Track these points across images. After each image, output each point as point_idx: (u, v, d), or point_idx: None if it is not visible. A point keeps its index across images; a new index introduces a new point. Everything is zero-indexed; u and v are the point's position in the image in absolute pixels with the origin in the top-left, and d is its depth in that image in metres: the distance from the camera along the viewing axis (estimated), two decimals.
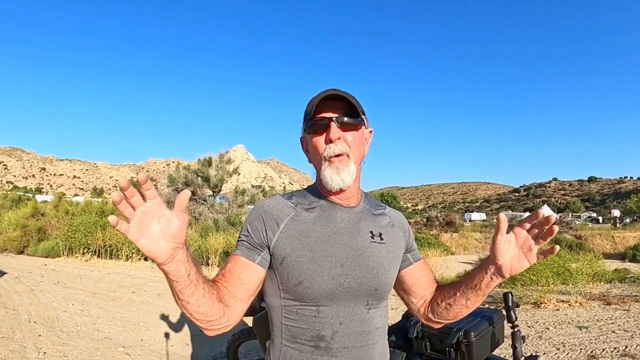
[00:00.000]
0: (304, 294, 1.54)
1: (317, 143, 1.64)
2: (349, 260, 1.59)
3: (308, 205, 1.69)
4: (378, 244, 1.69)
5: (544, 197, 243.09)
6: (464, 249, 40.80)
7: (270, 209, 1.66)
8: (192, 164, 22.76)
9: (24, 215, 20.32)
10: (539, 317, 8.32)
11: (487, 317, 2.63)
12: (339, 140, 1.61)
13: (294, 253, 1.56)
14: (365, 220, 1.73)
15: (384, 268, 1.67)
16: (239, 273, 1.57)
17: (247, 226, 1.65)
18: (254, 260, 1.59)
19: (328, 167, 1.61)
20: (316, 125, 1.63)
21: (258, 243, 1.60)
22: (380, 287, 1.65)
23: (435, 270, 14.33)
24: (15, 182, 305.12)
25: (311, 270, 1.53)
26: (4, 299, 9.29)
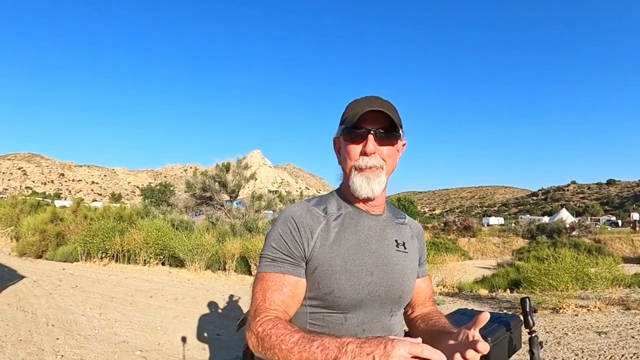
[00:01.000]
0: (334, 302, 1.55)
1: (352, 151, 1.63)
2: (378, 268, 1.61)
3: (336, 213, 1.68)
4: (402, 252, 1.73)
5: (562, 200, 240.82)
6: (482, 254, 40.69)
7: (303, 217, 1.63)
8: (210, 169, 22.81)
9: (42, 220, 20.45)
10: (558, 323, 8.22)
11: (504, 323, 2.60)
12: (374, 154, 1.61)
13: (326, 262, 1.56)
14: (390, 229, 1.75)
15: (407, 277, 1.72)
16: (296, 294, 1.56)
17: (281, 236, 1.61)
18: (301, 275, 1.58)
19: (359, 175, 1.61)
20: (354, 134, 1.62)
21: (298, 255, 1.58)
22: (404, 295, 1.70)
23: (452, 275, 14.27)
24: (34, 187, 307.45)
25: (343, 279, 1.54)
26: (22, 303, 9.35)
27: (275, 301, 1.49)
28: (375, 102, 1.62)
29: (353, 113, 1.61)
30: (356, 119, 1.56)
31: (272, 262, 1.57)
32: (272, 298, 1.50)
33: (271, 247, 1.60)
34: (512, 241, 45.52)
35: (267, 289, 1.52)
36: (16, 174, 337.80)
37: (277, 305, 1.49)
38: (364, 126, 1.60)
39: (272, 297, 1.50)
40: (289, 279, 1.54)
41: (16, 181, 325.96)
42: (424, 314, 1.88)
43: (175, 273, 14.61)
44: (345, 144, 1.65)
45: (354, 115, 1.58)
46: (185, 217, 20.33)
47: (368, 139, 1.59)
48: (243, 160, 23.02)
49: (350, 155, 1.63)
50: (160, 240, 15.80)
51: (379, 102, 1.63)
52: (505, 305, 10.40)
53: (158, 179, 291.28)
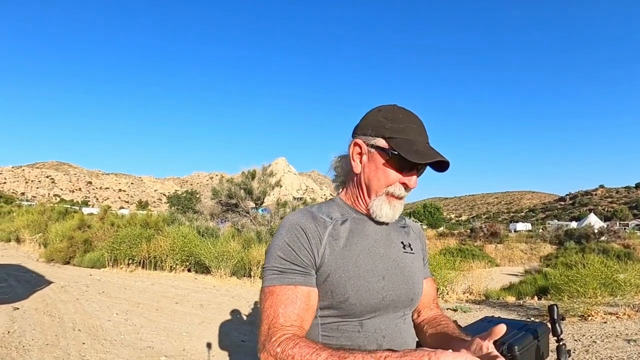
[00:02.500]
0: (349, 309, 1.48)
1: (391, 176, 1.57)
2: (389, 272, 1.57)
3: (341, 218, 1.61)
4: (410, 254, 1.70)
5: (590, 205, 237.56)
6: (509, 261, 40.32)
7: (309, 223, 1.54)
8: (236, 176, 22.96)
9: (70, 227, 20.71)
10: (586, 330, 8.09)
11: (531, 331, 2.55)
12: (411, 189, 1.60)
13: (339, 269, 1.49)
14: (394, 232, 1.72)
15: (417, 278, 1.69)
16: (309, 305, 1.46)
17: (288, 245, 1.49)
18: (313, 284, 1.49)
19: (386, 202, 1.59)
20: (405, 164, 1.54)
21: (308, 264, 1.48)
22: (415, 297, 1.67)
23: (479, 283, 14.15)
24: (62, 195, 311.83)
25: (357, 285, 1.48)
26: (49, 308, 9.46)
27: (290, 316, 1.39)
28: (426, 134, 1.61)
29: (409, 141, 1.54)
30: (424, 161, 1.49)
31: (281, 273, 1.46)
32: (287, 313, 1.39)
33: (278, 257, 1.48)
34: (539, 247, 45.07)
35: (279, 304, 1.41)
36: (44, 182, 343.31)
37: (293, 320, 1.38)
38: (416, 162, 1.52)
39: (287, 313, 1.39)
40: (301, 290, 1.44)
41: (44, 189, 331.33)
42: (430, 317, 1.84)
43: (201, 279, 14.69)
44: (386, 166, 1.57)
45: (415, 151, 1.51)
46: (211, 224, 20.48)
47: (414, 175, 1.58)
48: (268, 167, 23.16)
49: (387, 179, 1.57)
50: (187, 247, 15.92)
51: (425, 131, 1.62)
52: (533, 312, 10.29)
53: (184, 187, 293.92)
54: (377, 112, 1.63)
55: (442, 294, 12.98)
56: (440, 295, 12.97)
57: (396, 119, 1.58)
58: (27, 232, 24.48)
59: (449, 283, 13.32)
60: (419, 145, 1.53)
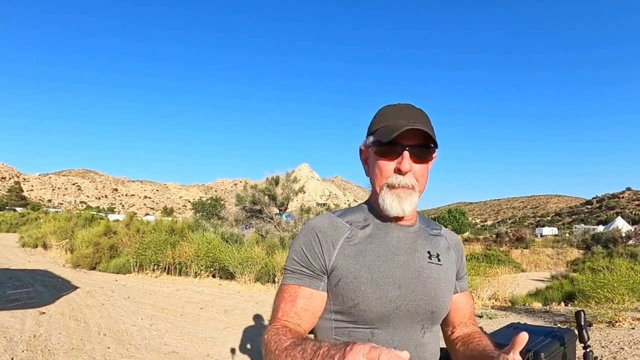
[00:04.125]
0: (359, 316, 1.46)
1: (384, 167, 1.53)
2: (407, 281, 1.51)
3: (363, 223, 1.59)
4: (436, 265, 1.61)
5: (618, 208, 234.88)
6: (536, 266, 39.87)
7: (325, 228, 1.55)
8: (260, 183, 23.02)
9: (96, 233, 20.91)
10: (613, 337, 7.96)
11: (558, 337, 2.51)
12: (409, 173, 1.51)
13: (351, 274, 1.47)
14: (422, 240, 1.64)
15: (441, 291, 1.59)
16: (311, 307, 1.49)
17: (301, 248, 1.55)
18: (319, 287, 1.51)
19: (389, 194, 1.52)
20: (389, 150, 1.51)
21: (317, 267, 1.51)
22: (437, 310, 1.57)
23: (505, 288, 14.00)
24: (88, 202, 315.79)
25: (369, 292, 1.45)
26: (75, 312, 9.56)
27: (287, 312, 1.46)
28: (412, 116, 1.53)
29: (387, 125, 1.52)
30: (394, 135, 1.44)
31: (292, 274, 1.54)
32: (285, 309, 1.47)
33: (292, 259, 1.56)
34: (566, 252, 44.50)
35: (282, 300, 1.50)
36: (71, 189, 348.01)
37: (289, 316, 1.45)
38: (400, 141, 1.49)
39: (285, 309, 1.47)
40: (304, 291, 1.49)
41: (71, 196, 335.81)
42: (464, 335, 1.77)
43: (226, 285, 14.74)
44: (377, 158, 1.55)
45: (390, 130, 1.48)
46: (235, 230, 20.52)
47: (404, 157, 1.49)
48: (292, 173, 23.18)
49: (382, 172, 1.54)
50: (211, 253, 15.99)
51: (416, 115, 1.55)
52: (560, 318, 10.16)
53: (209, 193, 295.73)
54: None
55: None
56: None
57: (382, 113, 1.59)
58: (53, 239, 24.79)
59: (474, 289, 13.21)
60: (395, 125, 1.49)
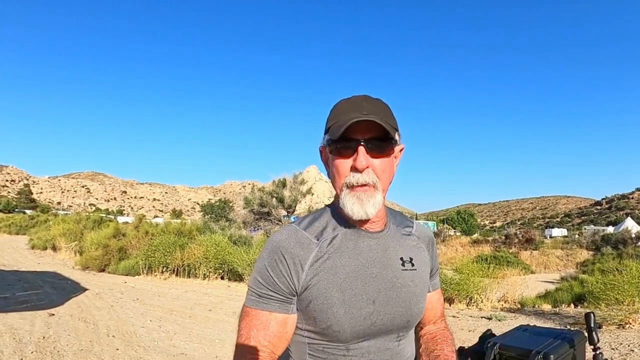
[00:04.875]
0: (334, 336, 1.39)
1: (341, 167, 1.42)
2: (381, 295, 1.43)
3: (331, 234, 1.47)
4: (410, 271, 1.53)
5: (627, 209, 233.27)
6: (545, 267, 39.79)
7: (291, 247, 1.42)
8: (267, 185, 23.05)
9: (105, 235, 21.00)
10: (623, 339, 7.92)
11: (567, 339, 2.48)
12: (367, 169, 1.39)
13: (321, 295, 1.38)
14: (394, 245, 1.55)
15: (416, 297, 1.53)
16: (284, 333, 1.42)
17: (267, 270, 1.42)
18: (289, 311, 1.42)
19: (350, 196, 1.41)
20: (342, 146, 1.41)
21: (287, 291, 1.41)
22: (413, 318, 1.53)
23: (514, 290, 13.95)
24: (97, 204, 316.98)
25: (341, 312, 1.37)
26: (84, 314, 9.59)
27: (261, 341, 1.38)
28: (363, 107, 1.41)
29: (338, 121, 1.41)
30: (342, 130, 1.34)
31: (259, 297, 1.42)
32: (258, 338, 1.38)
33: (257, 281, 1.44)
34: (575, 253, 44.39)
35: (252, 327, 1.40)
36: (80, 192, 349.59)
37: (263, 346, 1.37)
38: (353, 136, 1.38)
39: (258, 337, 1.38)
40: (276, 317, 1.40)
41: (80, 198, 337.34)
42: (429, 337, 1.74)
43: (234, 287, 14.75)
44: (333, 158, 1.45)
45: (340, 125, 1.38)
46: (243, 232, 20.58)
47: (359, 152, 1.37)
48: (299, 175, 23.21)
49: (339, 172, 1.43)
50: (220, 255, 16.01)
51: (368, 105, 1.42)
52: (569, 320, 10.13)
53: (217, 196, 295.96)
54: None
55: (476, 302, 12.85)
56: (474, 303, 12.84)
57: (334, 109, 1.49)
58: (63, 241, 24.89)
59: (483, 291, 13.16)
60: (345, 119, 1.37)
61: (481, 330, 2.84)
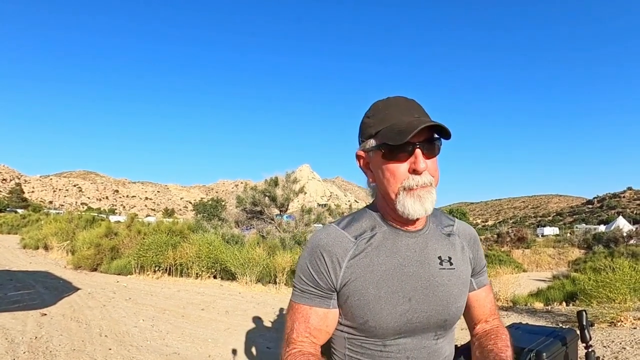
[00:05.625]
0: (370, 332, 1.46)
1: (397, 171, 1.43)
2: (417, 293, 1.47)
3: (370, 234, 1.52)
4: (448, 270, 1.56)
5: (619, 208, 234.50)
6: (537, 266, 39.87)
7: (330, 246, 1.49)
8: (260, 184, 23.02)
9: (97, 234, 20.92)
10: (615, 337, 7.95)
11: (560, 337, 2.50)
12: (425, 171, 1.42)
13: (357, 292, 1.44)
14: (432, 244, 1.57)
15: (454, 297, 1.55)
16: (324, 326, 1.51)
17: (308, 268, 1.51)
18: (329, 306, 1.50)
19: (408, 196, 1.42)
20: (399, 150, 1.41)
21: (326, 287, 1.49)
22: (450, 317, 1.55)
23: (506, 289, 13.99)
24: (89, 203, 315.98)
25: (377, 309, 1.43)
26: (77, 314, 9.55)
27: (302, 333, 1.48)
28: (414, 110, 1.47)
29: (393, 125, 1.43)
30: (409, 137, 1.35)
31: (301, 292, 1.53)
32: (300, 330, 1.49)
33: (300, 278, 1.55)
34: (567, 252, 44.49)
35: (295, 320, 1.51)
36: (72, 191, 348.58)
37: (304, 337, 1.48)
38: (409, 140, 1.38)
39: (300, 329, 1.49)
40: (316, 311, 1.50)
41: (72, 197, 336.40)
42: (482, 334, 1.74)
43: (227, 286, 14.74)
44: (385, 162, 1.45)
45: (399, 130, 1.39)
46: (236, 231, 20.54)
47: (417, 155, 1.40)
48: (292, 174, 23.19)
49: (395, 176, 1.44)
50: (212, 254, 15.97)
51: (416, 108, 1.49)
52: (561, 318, 10.16)
53: (210, 194, 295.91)
54: (363, 117, 1.58)
55: None
56: None
57: (377, 111, 1.52)
58: (55, 240, 24.78)
59: None
60: (402, 124, 1.41)
61: None
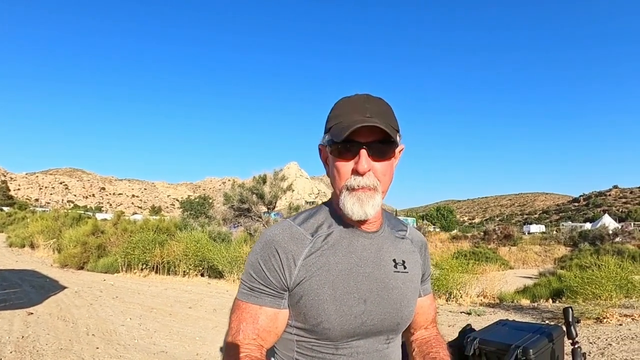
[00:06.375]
0: (323, 334, 1.39)
1: (342, 169, 1.41)
2: (372, 295, 1.43)
3: (326, 231, 1.47)
4: (402, 273, 1.54)
5: (605, 206, 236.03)
6: (523, 263, 40.03)
7: (285, 242, 1.42)
8: (247, 181, 23.02)
9: (84, 232, 20.83)
10: (601, 333, 8.03)
11: (546, 334, 2.52)
12: (369, 173, 1.39)
13: (313, 291, 1.38)
14: (387, 247, 1.55)
15: (407, 300, 1.53)
16: (274, 328, 1.42)
17: (259, 264, 1.43)
18: (280, 306, 1.42)
19: (349, 197, 1.40)
20: (344, 149, 1.39)
21: (278, 285, 1.41)
22: (403, 321, 1.53)
23: (493, 286, 14.08)
24: (75, 201, 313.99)
25: (332, 309, 1.37)
26: (63, 312, 9.51)
27: (249, 334, 1.39)
28: (367, 109, 1.40)
29: (340, 122, 1.40)
30: (345, 135, 1.33)
31: (250, 291, 1.44)
32: (247, 331, 1.39)
33: (249, 274, 1.45)
34: (553, 249, 44.76)
35: (242, 320, 1.41)
36: (58, 188, 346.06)
37: (252, 339, 1.38)
38: (355, 139, 1.37)
39: (247, 330, 1.39)
40: (266, 311, 1.41)
41: (58, 195, 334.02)
42: (422, 340, 1.73)
43: (214, 284, 14.73)
44: (334, 159, 1.44)
45: (342, 127, 1.37)
46: (223, 228, 20.50)
47: (361, 156, 1.37)
48: (280, 172, 23.19)
49: (340, 174, 1.42)
50: (199, 252, 15.96)
51: (371, 107, 1.41)
52: (548, 315, 10.22)
53: (197, 192, 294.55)
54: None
55: (455, 297, 12.93)
56: (454, 298, 12.92)
57: (336, 107, 1.47)
58: (41, 238, 24.68)
59: (462, 286, 13.26)
60: (348, 121, 1.37)
61: (461, 325, 2.87)
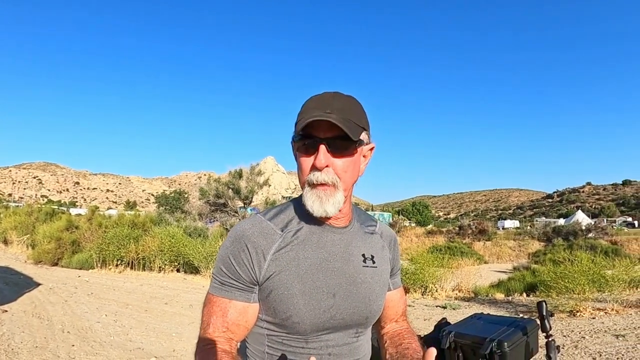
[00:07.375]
0: (293, 327, 1.42)
1: (304, 164, 1.43)
2: (341, 289, 1.45)
3: (296, 227, 1.49)
4: (370, 268, 1.56)
5: (578, 202, 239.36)
6: (498, 258, 40.48)
7: (255, 237, 1.44)
8: (223, 176, 22.91)
9: (58, 228, 20.64)
10: (575, 326, 8.16)
11: (521, 327, 2.56)
12: (327, 168, 1.40)
13: (282, 286, 1.40)
14: (356, 242, 1.57)
15: (375, 295, 1.55)
16: (243, 321, 1.43)
17: (229, 258, 1.44)
18: (250, 300, 1.44)
19: (310, 193, 1.42)
20: (305, 144, 1.42)
21: (248, 280, 1.42)
22: (371, 315, 1.56)
23: (468, 280, 14.20)
24: (49, 196, 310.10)
25: (301, 304, 1.39)
26: (38, 310, 9.42)
27: (219, 328, 1.40)
28: (329, 105, 1.40)
29: (303, 118, 1.39)
30: (300, 128, 1.37)
31: (221, 285, 1.45)
32: (217, 324, 1.41)
33: (220, 269, 1.46)
34: (527, 244, 45.22)
35: (212, 314, 1.43)
36: (32, 183, 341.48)
37: (221, 332, 1.40)
38: (315, 134, 1.39)
39: (217, 324, 1.41)
40: (235, 305, 1.42)
41: (32, 190, 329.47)
42: (394, 333, 1.74)
43: (190, 280, 14.67)
44: (297, 154, 1.46)
45: (302, 121, 1.37)
46: (199, 224, 20.43)
47: (319, 151, 1.37)
48: (256, 166, 23.12)
49: (302, 168, 1.44)
50: (175, 248, 15.87)
51: (335, 103, 1.41)
52: (522, 309, 10.35)
53: (172, 187, 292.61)
54: None
55: (431, 291, 13.04)
56: (429, 292, 13.02)
57: (303, 104, 1.46)
58: (14, 234, 24.37)
59: (437, 280, 13.37)
60: (307, 117, 1.37)
61: (436, 319, 2.89)
